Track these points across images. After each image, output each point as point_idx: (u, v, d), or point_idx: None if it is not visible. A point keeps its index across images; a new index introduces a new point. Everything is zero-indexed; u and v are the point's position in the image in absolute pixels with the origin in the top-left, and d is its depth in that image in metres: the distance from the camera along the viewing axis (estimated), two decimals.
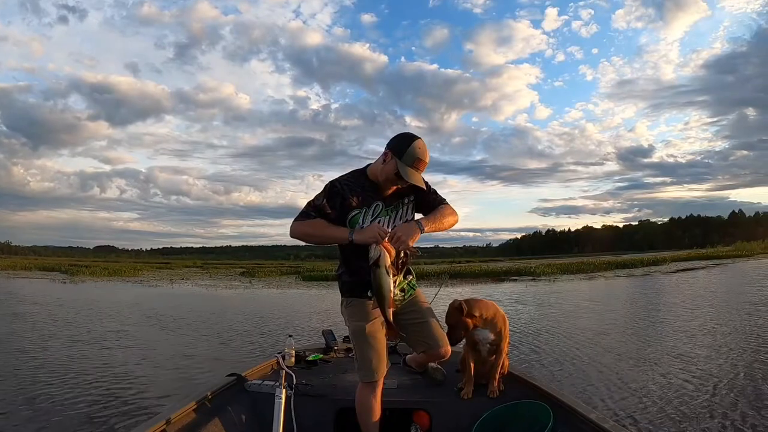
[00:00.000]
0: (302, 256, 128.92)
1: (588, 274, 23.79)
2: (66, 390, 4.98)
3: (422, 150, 2.13)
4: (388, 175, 2.16)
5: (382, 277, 2.03)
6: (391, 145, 2.16)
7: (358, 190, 2.23)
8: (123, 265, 44.07)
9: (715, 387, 4.48)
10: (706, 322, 8.13)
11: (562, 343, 6.88)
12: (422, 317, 2.42)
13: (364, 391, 2.30)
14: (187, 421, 2.24)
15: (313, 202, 2.20)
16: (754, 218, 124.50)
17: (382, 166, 2.18)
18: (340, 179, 2.25)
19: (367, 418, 2.28)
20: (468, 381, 2.64)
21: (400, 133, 2.22)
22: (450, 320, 2.55)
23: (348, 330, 2.41)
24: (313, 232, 2.17)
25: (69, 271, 34.07)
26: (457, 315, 2.52)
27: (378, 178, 2.22)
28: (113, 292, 19.75)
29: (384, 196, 2.26)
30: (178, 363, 6.31)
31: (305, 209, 2.20)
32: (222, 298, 17.69)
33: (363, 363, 2.28)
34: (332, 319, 9.66)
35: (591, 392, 4.55)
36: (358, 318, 2.30)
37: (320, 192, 2.22)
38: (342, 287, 2.38)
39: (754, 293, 12.38)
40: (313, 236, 2.17)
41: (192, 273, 37.03)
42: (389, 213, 2.28)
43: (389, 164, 2.14)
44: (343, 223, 2.19)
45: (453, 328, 2.53)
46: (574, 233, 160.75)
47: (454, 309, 2.54)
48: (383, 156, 2.18)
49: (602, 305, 11.74)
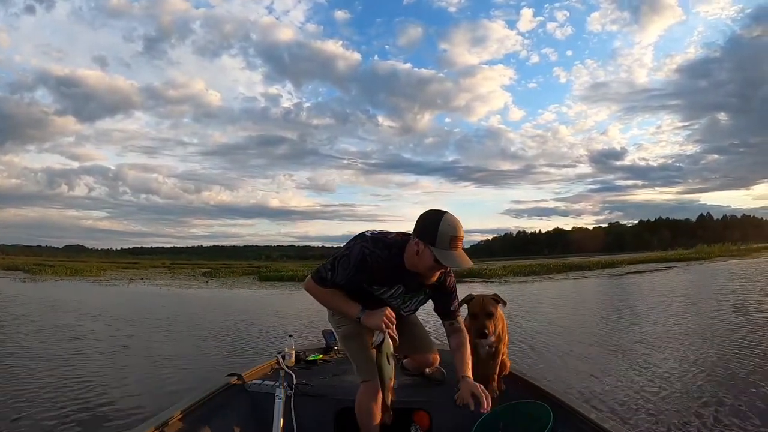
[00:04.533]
0: (274, 257, 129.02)
1: (539, 276, 24.31)
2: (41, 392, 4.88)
3: (454, 225, 1.92)
4: (427, 265, 1.98)
5: (383, 364, 2.05)
6: (418, 232, 1.96)
7: (389, 273, 2.11)
8: (87, 265, 43.21)
9: (631, 366, 5.01)
10: (623, 325, 8.61)
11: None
12: (412, 322, 2.56)
13: (365, 391, 2.30)
14: (188, 420, 2.24)
15: (341, 270, 2.06)
16: (722, 221, 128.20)
17: (417, 259, 1.99)
18: (374, 255, 2.05)
19: (367, 419, 2.28)
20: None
21: (422, 214, 2.01)
22: (487, 307, 2.52)
23: (339, 335, 2.49)
24: (327, 301, 2.20)
25: (32, 271, 33.49)
26: (492, 304, 2.52)
27: (418, 269, 2.05)
28: (62, 290, 20.02)
29: (408, 281, 2.18)
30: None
31: (324, 273, 2.09)
32: (167, 296, 18.23)
33: (359, 363, 2.33)
34: (274, 321, 10.26)
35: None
36: (345, 323, 2.36)
37: (349, 259, 2.05)
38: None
39: (687, 295, 13.09)
40: (326, 304, 2.23)
41: (155, 273, 36.64)
42: (406, 297, 2.27)
43: (424, 255, 1.96)
44: (359, 287, 2.15)
45: (489, 317, 2.51)
46: (544, 235, 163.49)
47: (489, 299, 2.54)
48: (414, 246, 1.98)
49: (534, 306, 11.99)
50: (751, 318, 8.38)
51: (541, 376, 3.66)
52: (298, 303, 15.38)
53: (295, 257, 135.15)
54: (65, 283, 24.69)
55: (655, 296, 13.47)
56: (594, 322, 9.16)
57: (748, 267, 22.92)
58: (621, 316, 9.91)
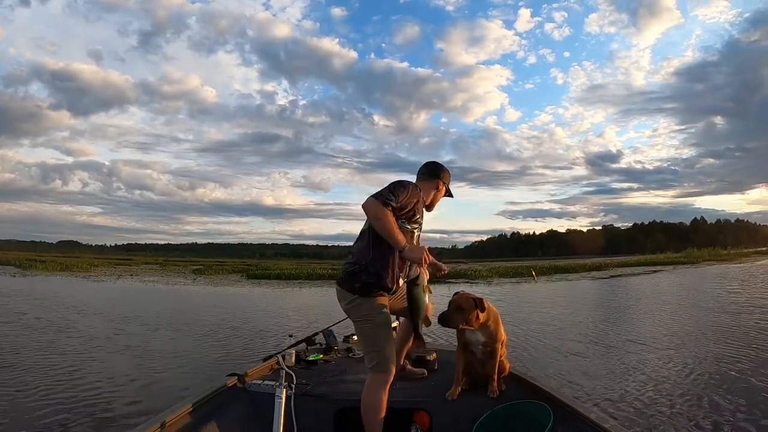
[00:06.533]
0: (268, 255, 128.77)
1: (525, 278, 24.34)
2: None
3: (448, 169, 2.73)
4: (441, 198, 2.72)
5: (420, 295, 2.32)
6: (437, 174, 2.66)
7: (421, 205, 2.54)
8: (78, 261, 43.29)
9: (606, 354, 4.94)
10: (609, 327, 8.75)
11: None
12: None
13: (377, 383, 2.35)
14: (188, 420, 2.25)
15: (400, 193, 2.31)
16: (716, 225, 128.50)
17: (437, 193, 2.68)
18: (417, 186, 2.49)
19: (373, 413, 2.32)
20: (456, 381, 2.68)
21: (430, 163, 2.72)
22: (461, 303, 2.57)
23: (362, 325, 2.43)
24: (384, 221, 2.24)
25: (23, 266, 33.71)
26: (470, 304, 2.56)
27: (434, 202, 2.70)
28: (49, 285, 20.28)
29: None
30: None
31: (388, 195, 2.27)
32: (154, 293, 18.37)
33: (383, 354, 2.36)
34: (254, 320, 10.26)
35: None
36: (379, 311, 2.39)
37: (407, 187, 2.37)
38: (359, 285, 2.38)
39: (672, 297, 13.40)
40: (380, 223, 2.24)
41: (146, 270, 36.62)
42: (418, 234, 2.57)
43: (442, 190, 2.69)
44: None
45: (458, 311, 2.56)
46: (539, 236, 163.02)
47: (470, 297, 2.59)
48: (434, 186, 2.65)
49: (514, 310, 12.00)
50: (738, 319, 8.66)
51: (540, 376, 3.71)
52: (285, 300, 15.54)
53: (289, 255, 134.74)
54: (54, 278, 24.80)
55: (641, 299, 13.62)
56: (575, 324, 9.22)
57: (734, 271, 23.23)
58: (604, 317, 10.06)
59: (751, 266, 27.08)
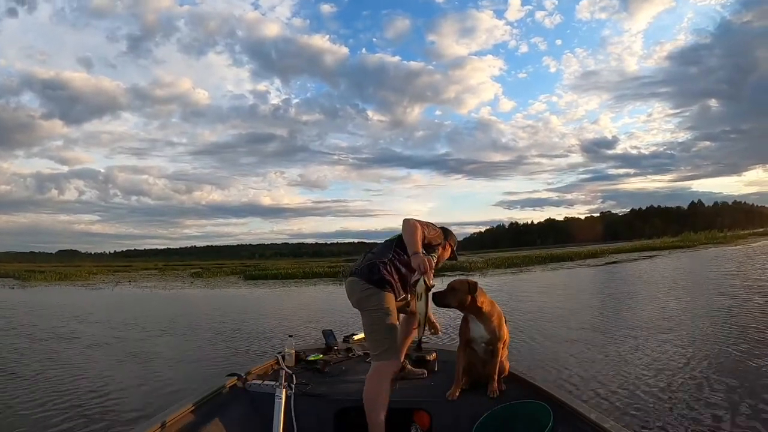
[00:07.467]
0: (267, 255, 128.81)
1: (520, 268, 24.57)
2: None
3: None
4: (446, 258, 3.05)
5: (415, 301, 2.50)
6: (448, 238, 2.98)
7: (439, 250, 2.91)
8: (77, 269, 43.27)
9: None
10: (604, 313, 8.84)
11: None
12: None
13: (381, 373, 2.44)
14: (188, 420, 2.26)
15: (433, 229, 2.76)
16: (713, 208, 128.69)
17: (445, 253, 2.99)
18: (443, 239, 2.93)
19: (376, 408, 2.38)
20: (456, 381, 2.68)
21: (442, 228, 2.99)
22: (455, 285, 2.66)
23: (374, 313, 2.55)
24: (414, 228, 2.55)
25: (22, 277, 33.64)
26: (464, 286, 2.64)
27: (441, 260, 2.96)
28: (45, 295, 20.42)
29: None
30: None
31: (427, 223, 2.73)
32: (152, 298, 18.45)
33: (391, 340, 2.51)
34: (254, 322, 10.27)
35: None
36: (390, 303, 2.57)
37: (438, 230, 2.82)
38: (377, 278, 2.58)
39: (667, 281, 13.57)
40: (410, 229, 2.55)
41: (145, 275, 36.48)
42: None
43: (448, 251, 3.01)
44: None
45: (452, 291, 2.65)
46: (537, 226, 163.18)
47: (465, 281, 2.67)
48: (445, 246, 2.97)
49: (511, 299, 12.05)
50: (734, 301, 8.79)
51: (540, 376, 3.77)
52: (283, 300, 15.63)
53: (288, 255, 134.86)
54: (53, 288, 24.81)
55: (637, 285, 13.81)
56: (572, 311, 9.29)
57: (731, 253, 23.33)
58: (601, 304, 10.22)
59: (747, 248, 27.16)
